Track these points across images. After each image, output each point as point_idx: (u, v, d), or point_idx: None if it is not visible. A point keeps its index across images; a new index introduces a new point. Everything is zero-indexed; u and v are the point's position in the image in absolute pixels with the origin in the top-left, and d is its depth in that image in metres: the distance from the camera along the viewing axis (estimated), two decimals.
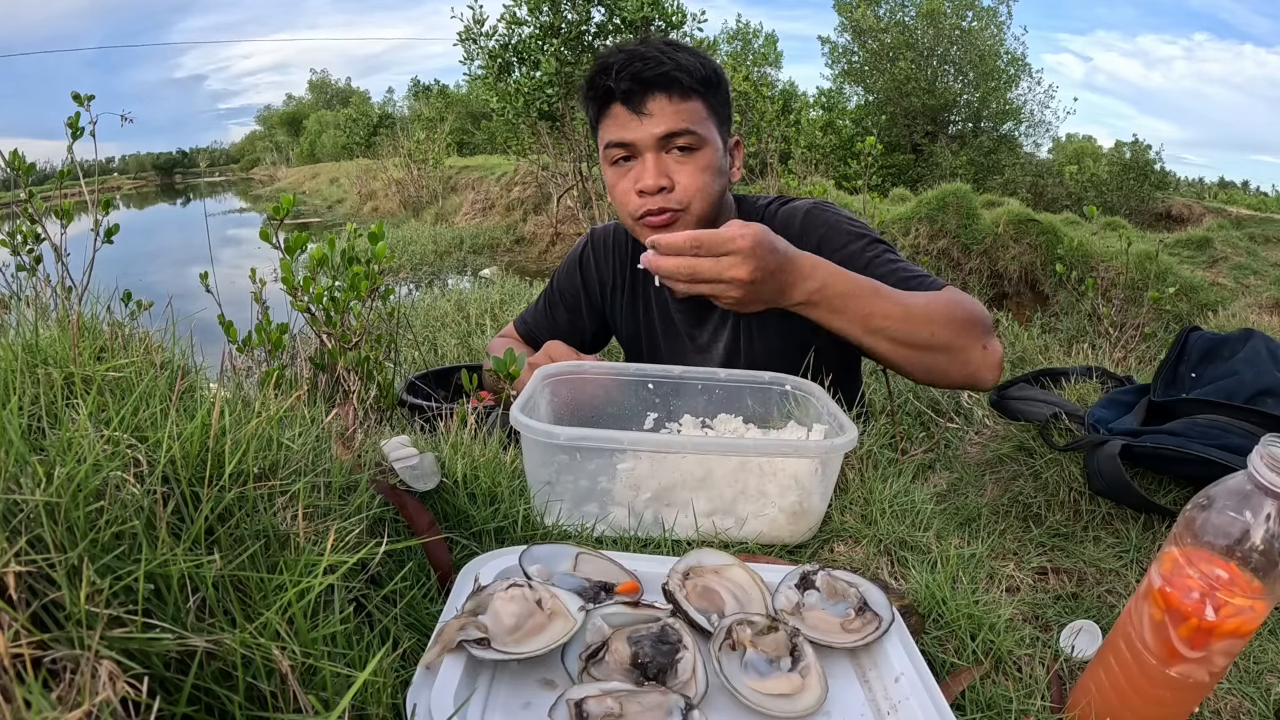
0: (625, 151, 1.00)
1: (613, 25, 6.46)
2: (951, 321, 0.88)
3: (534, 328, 1.27)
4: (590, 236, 1.25)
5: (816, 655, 0.52)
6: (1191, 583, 0.46)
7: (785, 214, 1.09)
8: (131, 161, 54.66)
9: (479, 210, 9.69)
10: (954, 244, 5.29)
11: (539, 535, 0.67)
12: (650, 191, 0.98)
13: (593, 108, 1.04)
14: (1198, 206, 9.03)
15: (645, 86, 0.97)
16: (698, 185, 0.99)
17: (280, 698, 0.37)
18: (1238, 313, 3.60)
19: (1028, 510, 0.93)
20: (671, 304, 1.16)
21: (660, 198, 0.99)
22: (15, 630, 0.30)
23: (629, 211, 1.02)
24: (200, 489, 0.42)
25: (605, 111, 1.02)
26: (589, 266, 1.23)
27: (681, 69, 0.97)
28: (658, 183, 0.98)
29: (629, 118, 0.98)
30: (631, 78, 0.96)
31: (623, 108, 0.99)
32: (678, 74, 0.96)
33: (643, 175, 0.98)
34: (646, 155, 0.99)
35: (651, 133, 0.97)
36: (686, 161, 0.99)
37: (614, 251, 1.22)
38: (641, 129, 0.98)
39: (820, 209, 1.08)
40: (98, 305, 0.79)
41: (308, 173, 22.75)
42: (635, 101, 0.98)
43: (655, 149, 0.98)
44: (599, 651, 0.49)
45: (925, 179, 11.56)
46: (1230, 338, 1.02)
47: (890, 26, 14.98)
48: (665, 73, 0.96)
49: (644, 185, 0.98)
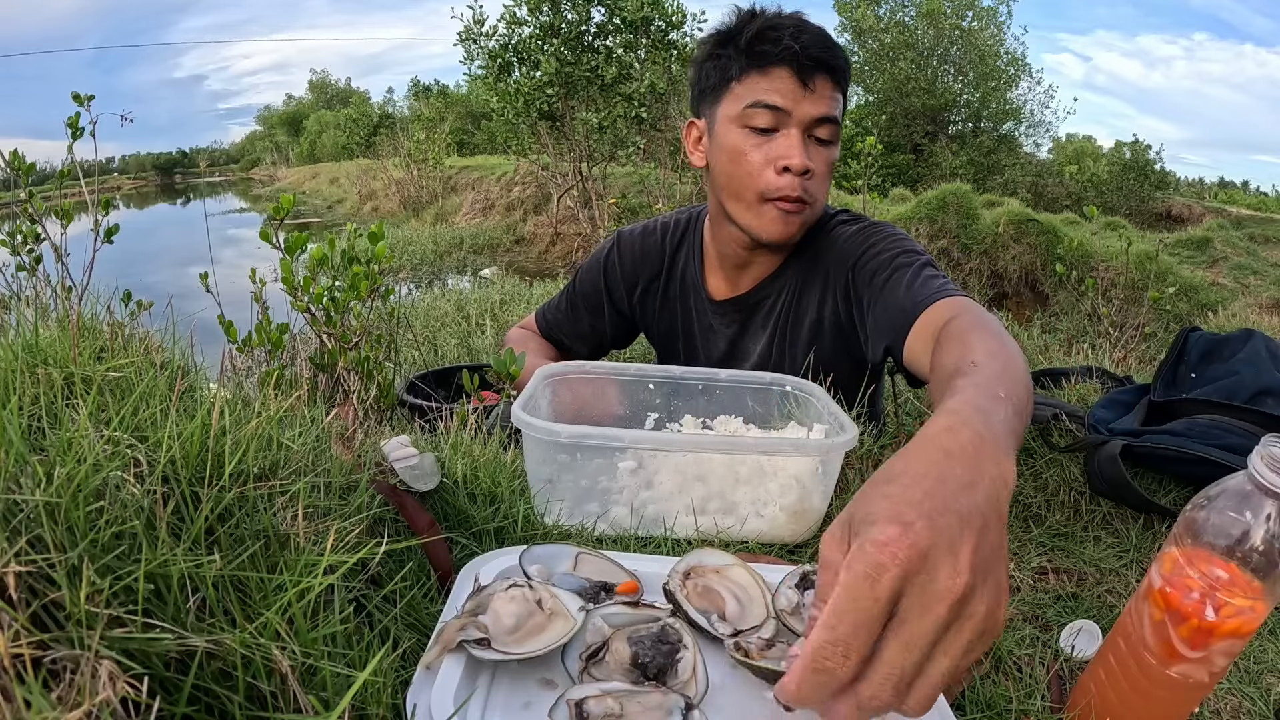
0: (772, 120, 0.92)
1: (613, 25, 6.46)
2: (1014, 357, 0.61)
3: (554, 325, 1.26)
4: (617, 239, 1.21)
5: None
6: (1191, 583, 0.46)
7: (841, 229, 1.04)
8: (131, 161, 54.68)
9: (479, 210, 9.69)
10: (954, 244, 5.29)
11: (539, 535, 0.67)
12: (798, 171, 0.92)
13: (738, 61, 0.95)
14: (1198, 206, 9.03)
15: (818, 63, 0.91)
16: (826, 180, 0.96)
17: (280, 698, 0.37)
18: (1238, 313, 3.61)
19: (1028, 510, 0.93)
20: (710, 309, 1.14)
21: (804, 181, 0.93)
22: (15, 630, 0.30)
23: (759, 188, 0.94)
24: (200, 489, 0.42)
25: (761, 70, 0.93)
26: (614, 270, 1.20)
27: (844, 60, 0.93)
28: (806, 164, 0.91)
29: (795, 86, 0.91)
30: (815, 48, 0.90)
31: (791, 73, 0.91)
32: (842, 64, 0.93)
33: (791, 153, 0.91)
34: (792, 131, 0.92)
35: (810, 111, 0.92)
36: (825, 152, 0.95)
37: (644, 255, 1.18)
38: (805, 102, 0.91)
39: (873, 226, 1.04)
40: (98, 305, 0.79)
41: (308, 173, 22.76)
42: (808, 73, 0.91)
43: (802, 129, 0.92)
44: (599, 651, 0.49)
45: (925, 179, 11.56)
46: (1230, 338, 1.02)
47: (890, 26, 14.99)
48: (836, 58, 0.92)
49: (795, 164, 0.91)
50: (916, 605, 0.35)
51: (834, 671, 0.35)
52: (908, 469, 0.40)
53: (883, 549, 0.34)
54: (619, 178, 7.75)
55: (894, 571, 0.34)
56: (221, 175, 42.89)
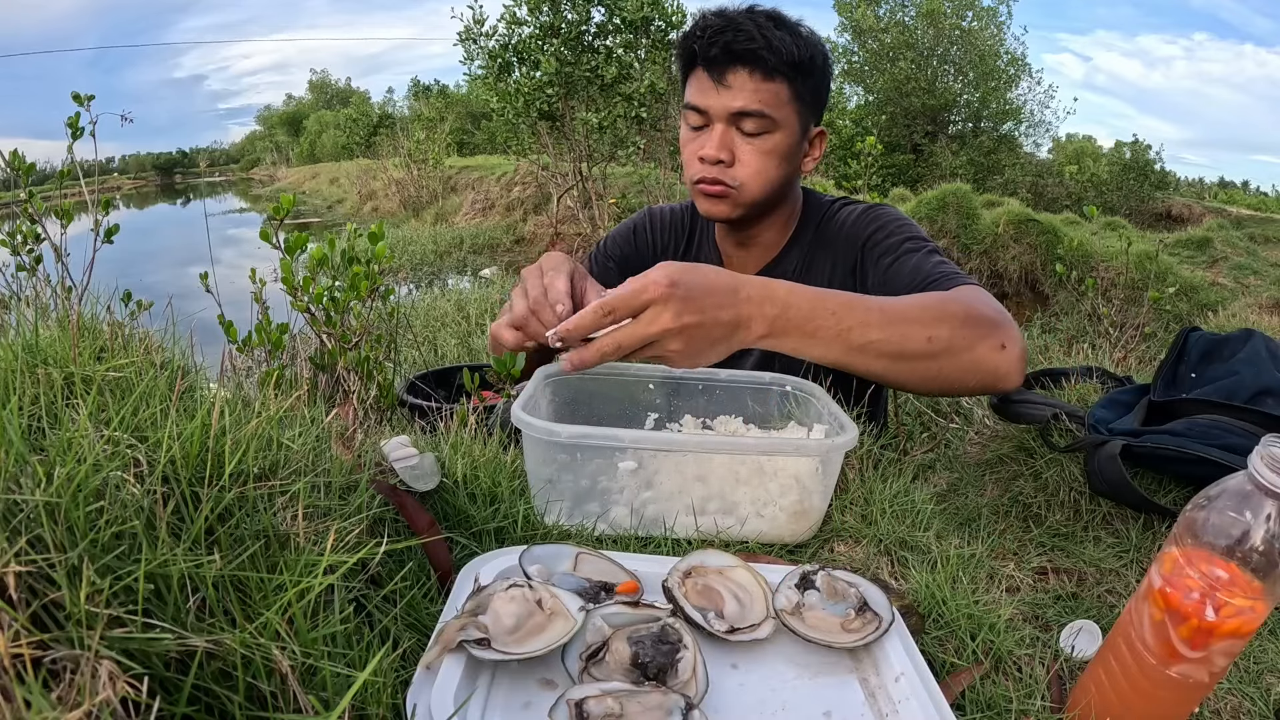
0: (699, 118, 1.01)
1: (613, 25, 6.46)
2: (947, 319, 0.78)
3: None
4: (649, 211, 1.27)
5: (818, 656, 0.52)
6: (1191, 583, 0.46)
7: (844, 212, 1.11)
8: (131, 161, 54.67)
9: (479, 210, 9.69)
10: (954, 244, 5.29)
11: (539, 535, 0.67)
12: (709, 161, 1.00)
13: (681, 64, 1.05)
14: (1198, 206, 9.03)
15: (731, 58, 0.96)
16: (756, 168, 1.00)
17: (280, 698, 0.37)
18: (1238, 313, 3.60)
19: (1028, 510, 0.93)
20: None
21: (717, 169, 1.00)
22: (15, 630, 0.30)
23: (690, 175, 1.04)
24: (200, 489, 0.42)
25: (691, 72, 1.02)
26: (644, 235, 1.25)
27: (771, 48, 0.95)
28: (716, 154, 0.99)
29: (709, 85, 0.98)
30: (720, 46, 0.96)
31: (705, 74, 0.99)
32: (765, 53, 0.95)
33: (705, 145, 1.00)
34: (716, 125, 0.99)
35: (726, 105, 0.97)
36: (752, 142, 0.99)
37: (671, 230, 1.24)
38: (717, 99, 0.98)
39: (878, 207, 1.09)
40: (98, 305, 0.79)
41: (308, 173, 22.75)
42: (717, 71, 0.97)
43: (726, 121, 0.99)
44: (599, 651, 0.49)
45: (925, 179, 11.56)
46: (1230, 338, 1.02)
47: (890, 26, 14.98)
48: (753, 49, 0.95)
49: (704, 154, 1.00)
50: (643, 320, 0.65)
51: (592, 325, 0.66)
52: (720, 272, 0.70)
53: (651, 285, 0.65)
54: (619, 178, 7.75)
55: (645, 297, 0.65)
56: (221, 175, 42.89)
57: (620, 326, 0.66)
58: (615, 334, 0.66)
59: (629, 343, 0.66)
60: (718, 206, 1.04)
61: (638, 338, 0.66)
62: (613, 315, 0.66)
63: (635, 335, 0.66)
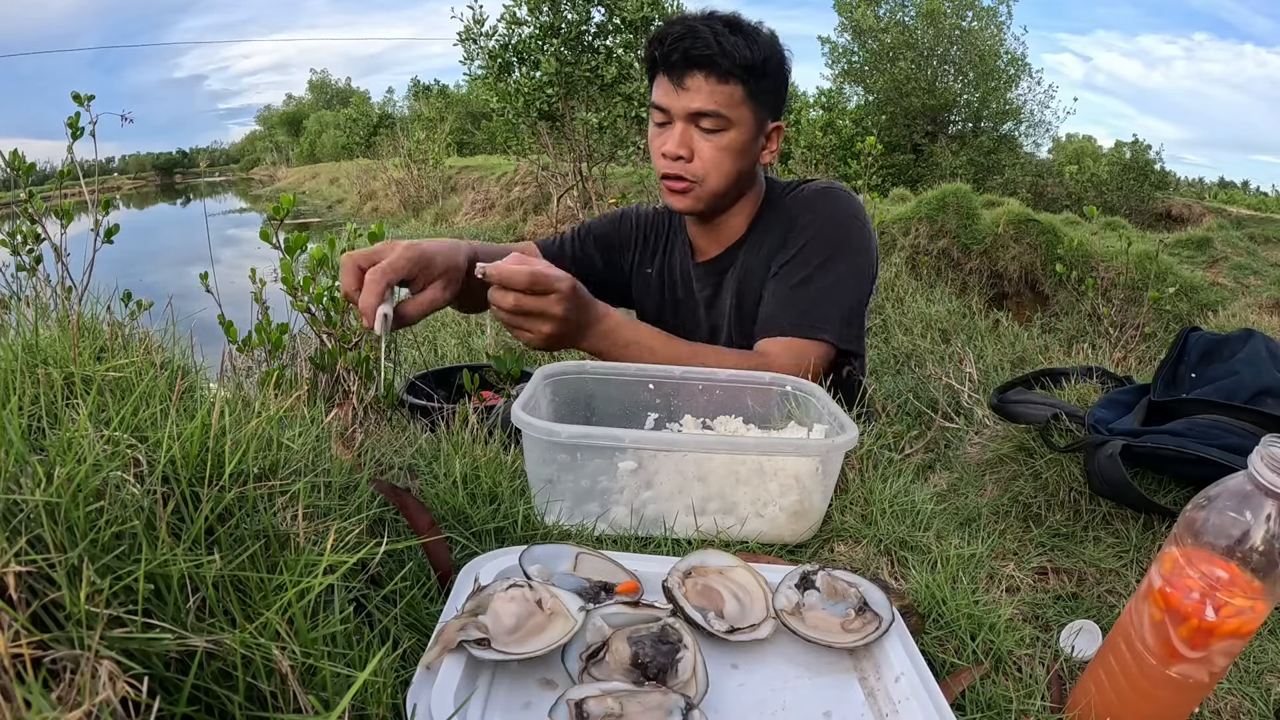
0: (663, 117, 1.11)
1: (613, 25, 6.46)
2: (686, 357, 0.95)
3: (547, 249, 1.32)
4: (634, 207, 1.38)
5: (818, 656, 0.52)
6: (1192, 583, 0.46)
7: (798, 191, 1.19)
8: (131, 161, 54.62)
9: (479, 210, 9.69)
10: (954, 244, 5.28)
11: (539, 535, 0.67)
12: (670, 157, 1.09)
13: (647, 67, 1.15)
14: (1198, 206, 9.02)
15: (688, 63, 1.05)
16: (714, 162, 1.09)
17: (280, 698, 0.37)
18: (1238, 313, 3.60)
19: (1028, 510, 0.93)
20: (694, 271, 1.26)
21: (679, 165, 1.09)
22: (15, 630, 0.30)
23: (659, 171, 1.14)
24: (200, 489, 0.42)
25: (655, 74, 1.12)
26: (628, 223, 1.34)
27: (725, 53, 1.04)
28: (677, 151, 1.08)
29: (670, 87, 1.08)
30: (679, 52, 1.05)
31: (665, 77, 1.08)
32: (720, 58, 1.04)
33: (666, 142, 1.10)
34: (677, 124, 1.09)
35: (685, 106, 1.07)
36: (710, 139, 1.08)
37: (652, 224, 1.33)
38: (677, 101, 1.07)
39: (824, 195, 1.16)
40: (98, 305, 0.79)
41: (308, 173, 22.75)
42: (676, 75, 1.06)
43: (686, 120, 1.08)
44: (599, 651, 0.49)
45: (925, 179, 11.54)
46: (1230, 338, 1.02)
47: (890, 26, 14.97)
48: (709, 55, 1.04)
49: (665, 150, 1.10)
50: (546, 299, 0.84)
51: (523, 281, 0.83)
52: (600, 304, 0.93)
53: (564, 280, 0.85)
54: (619, 178, 7.75)
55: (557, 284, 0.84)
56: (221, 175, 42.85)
57: (533, 295, 0.84)
58: (525, 298, 0.84)
59: (530, 308, 0.85)
60: (682, 200, 1.14)
61: (537, 309, 0.85)
62: (533, 283, 0.83)
63: (537, 306, 0.84)
